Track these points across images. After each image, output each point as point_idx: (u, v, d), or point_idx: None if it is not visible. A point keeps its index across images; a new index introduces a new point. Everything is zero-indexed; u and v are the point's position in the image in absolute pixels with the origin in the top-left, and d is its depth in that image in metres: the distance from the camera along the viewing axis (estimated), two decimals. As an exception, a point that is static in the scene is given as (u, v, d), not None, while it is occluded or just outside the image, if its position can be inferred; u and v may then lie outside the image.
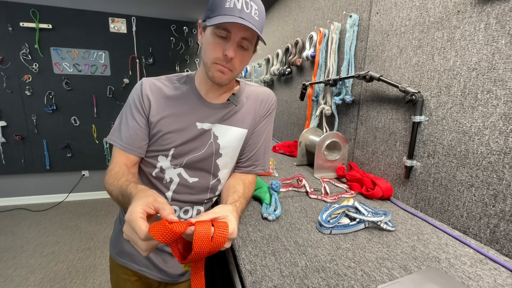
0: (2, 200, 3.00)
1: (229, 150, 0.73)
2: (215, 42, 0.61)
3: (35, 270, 1.92)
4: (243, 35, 0.60)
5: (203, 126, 0.70)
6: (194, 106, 0.70)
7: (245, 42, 0.62)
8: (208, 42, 0.62)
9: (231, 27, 0.59)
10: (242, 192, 0.67)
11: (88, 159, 3.12)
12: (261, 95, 0.77)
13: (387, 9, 0.91)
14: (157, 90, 0.69)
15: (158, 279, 0.75)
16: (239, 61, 0.64)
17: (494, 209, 0.61)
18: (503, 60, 0.58)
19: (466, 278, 0.50)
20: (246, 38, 0.61)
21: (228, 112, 0.72)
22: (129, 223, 0.42)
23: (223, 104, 0.72)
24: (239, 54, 0.63)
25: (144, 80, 0.69)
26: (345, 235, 0.64)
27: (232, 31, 0.59)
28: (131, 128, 0.67)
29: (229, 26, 0.59)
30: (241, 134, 0.74)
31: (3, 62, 2.67)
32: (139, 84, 0.69)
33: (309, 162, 1.28)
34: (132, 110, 0.68)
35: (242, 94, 0.75)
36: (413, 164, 0.81)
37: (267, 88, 0.82)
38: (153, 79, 0.71)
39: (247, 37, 0.61)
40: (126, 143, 0.67)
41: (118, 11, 2.89)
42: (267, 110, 0.78)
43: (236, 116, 0.73)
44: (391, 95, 0.90)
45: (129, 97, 0.70)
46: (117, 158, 0.68)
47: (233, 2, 0.57)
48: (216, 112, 0.71)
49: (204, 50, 0.65)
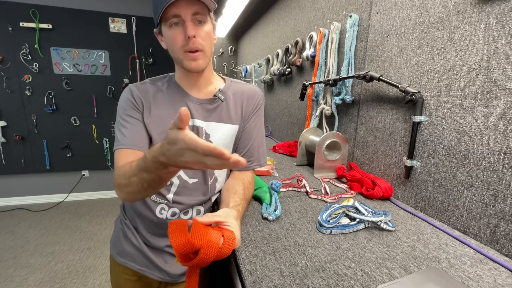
0: (2, 200, 3.00)
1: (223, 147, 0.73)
2: (173, 32, 0.63)
3: (35, 270, 1.92)
4: (191, 10, 0.61)
5: (194, 123, 0.71)
6: (180, 103, 0.71)
7: (198, 16, 0.62)
8: (168, 37, 0.64)
9: (178, 10, 0.60)
10: (242, 194, 0.68)
11: (88, 159, 3.12)
12: (247, 91, 0.78)
13: (387, 9, 0.91)
14: (144, 93, 0.70)
15: (159, 279, 0.75)
16: (203, 36, 0.64)
17: (494, 209, 0.61)
18: (503, 60, 0.58)
19: (466, 278, 0.50)
20: (197, 12, 0.62)
21: (215, 108, 0.73)
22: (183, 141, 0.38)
23: (209, 99, 0.73)
24: (199, 30, 0.63)
25: (130, 85, 0.72)
26: (345, 235, 0.64)
27: (180, 12, 0.60)
28: (129, 125, 0.67)
29: (175, 10, 0.60)
30: (232, 130, 0.75)
31: (3, 62, 2.67)
32: (127, 89, 0.70)
33: (309, 162, 1.28)
34: (127, 111, 0.68)
35: (229, 90, 0.76)
36: (413, 164, 0.81)
37: (252, 85, 0.83)
38: (139, 83, 0.73)
39: (197, 10, 0.62)
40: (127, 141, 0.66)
41: (118, 11, 2.89)
42: (255, 106, 0.78)
43: (225, 112, 0.74)
44: (391, 95, 0.90)
45: (120, 104, 0.70)
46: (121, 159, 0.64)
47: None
48: (202, 107, 0.72)
49: (170, 47, 0.66)
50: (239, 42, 3.17)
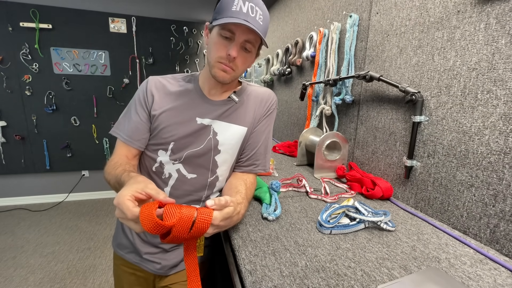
0: (2, 200, 3.00)
1: (228, 147, 0.74)
2: (220, 42, 0.64)
3: (35, 270, 1.91)
4: (246, 37, 0.63)
5: (203, 122, 0.72)
6: (195, 102, 0.73)
7: (248, 44, 0.65)
8: (213, 42, 0.66)
9: (236, 29, 0.62)
10: (244, 193, 0.68)
11: (88, 159, 3.12)
12: (261, 94, 0.79)
13: (387, 9, 0.91)
14: (162, 87, 0.73)
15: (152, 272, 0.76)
16: (242, 61, 0.67)
17: (494, 209, 0.61)
18: (503, 60, 0.58)
19: (466, 278, 0.50)
20: (249, 41, 0.64)
21: (228, 109, 0.74)
22: (117, 206, 0.46)
23: (223, 101, 0.74)
24: (242, 55, 0.66)
25: (150, 78, 0.75)
26: (345, 235, 0.64)
27: (236, 32, 0.62)
28: (133, 122, 0.71)
29: (233, 28, 0.62)
30: (240, 132, 0.75)
31: (3, 62, 2.67)
32: (145, 81, 0.74)
33: (309, 162, 1.28)
34: (136, 106, 0.72)
35: (243, 93, 0.77)
36: (413, 164, 0.81)
37: (268, 88, 0.84)
38: (159, 77, 0.75)
39: (250, 39, 0.64)
40: (127, 135, 0.71)
41: (118, 11, 2.89)
42: (267, 110, 0.79)
43: (236, 113, 0.75)
44: (391, 95, 0.90)
45: (136, 93, 0.75)
46: (119, 149, 0.72)
47: (240, 6, 0.60)
48: (216, 108, 0.73)
49: (209, 49, 0.68)
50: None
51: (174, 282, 0.77)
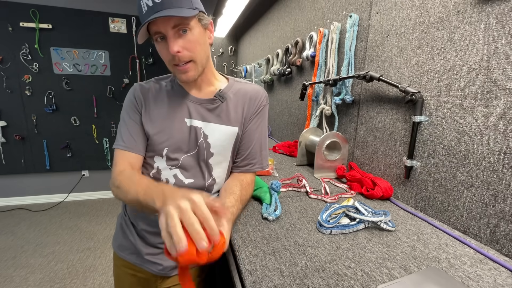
0: (2, 200, 3.00)
1: (221, 149, 0.74)
2: (160, 47, 0.64)
3: (35, 270, 1.91)
4: (170, 25, 0.59)
5: (192, 123, 0.71)
6: (181, 102, 0.72)
7: (180, 27, 0.60)
8: (158, 51, 0.66)
9: (157, 27, 0.60)
10: (238, 195, 0.68)
11: (88, 159, 3.12)
12: (249, 92, 0.76)
13: (387, 9, 0.91)
14: (146, 92, 0.72)
15: (153, 273, 0.76)
16: (189, 47, 0.63)
17: (494, 209, 0.61)
18: (503, 60, 0.58)
19: (466, 278, 0.50)
20: (177, 25, 0.60)
21: (215, 108, 0.73)
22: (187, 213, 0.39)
23: (209, 99, 0.73)
24: (184, 41, 0.62)
25: (135, 84, 0.75)
26: (345, 235, 0.64)
27: (160, 29, 0.60)
28: (130, 128, 0.70)
29: (154, 27, 0.60)
30: (231, 133, 0.74)
31: (3, 62, 2.67)
32: (131, 89, 0.74)
33: (309, 162, 1.28)
34: (129, 112, 0.71)
35: (230, 91, 0.75)
36: (413, 164, 0.81)
37: (257, 85, 0.81)
38: (143, 82, 0.75)
39: (176, 23, 0.59)
40: (127, 143, 0.69)
41: (118, 11, 2.89)
42: (257, 108, 0.77)
43: (224, 113, 0.73)
44: (391, 95, 0.90)
45: (124, 103, 0.74)
46: (122, 160, 0.69)
47: (145, 4, 0.58)
48: (202, 106, 0.72)
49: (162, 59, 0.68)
50: (239, 42, 3.17)
51: (175, 283, 0.77)
